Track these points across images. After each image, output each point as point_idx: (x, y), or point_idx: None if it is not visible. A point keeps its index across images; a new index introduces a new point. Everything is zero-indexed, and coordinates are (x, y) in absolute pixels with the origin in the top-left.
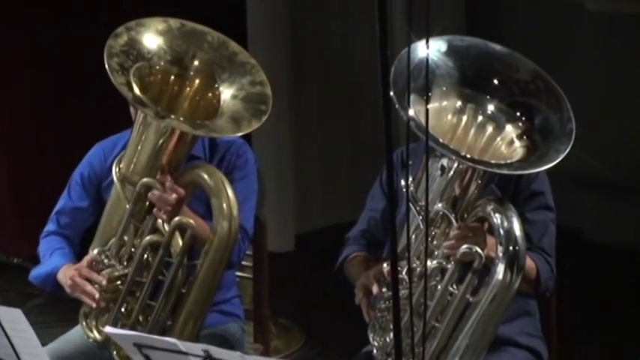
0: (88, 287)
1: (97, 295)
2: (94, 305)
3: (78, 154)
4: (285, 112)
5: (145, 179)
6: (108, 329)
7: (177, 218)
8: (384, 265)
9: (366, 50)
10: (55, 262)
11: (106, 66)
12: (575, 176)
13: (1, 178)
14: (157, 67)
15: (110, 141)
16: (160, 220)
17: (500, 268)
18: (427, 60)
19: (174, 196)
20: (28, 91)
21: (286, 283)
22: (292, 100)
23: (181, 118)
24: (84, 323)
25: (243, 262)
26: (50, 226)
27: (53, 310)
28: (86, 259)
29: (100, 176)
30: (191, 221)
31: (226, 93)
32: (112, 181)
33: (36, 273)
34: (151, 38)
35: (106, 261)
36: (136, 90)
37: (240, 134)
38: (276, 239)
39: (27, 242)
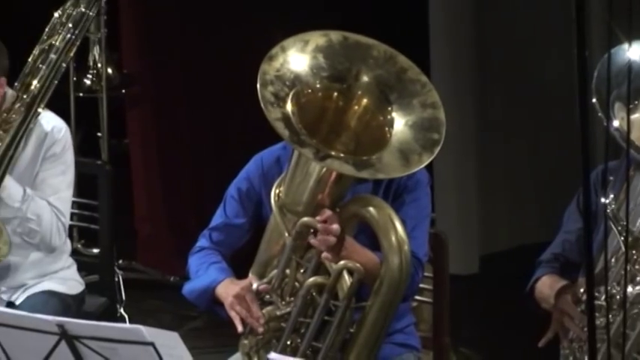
0: (250, 319)
1: (260, 329)
2: (240, 329)
3: (237, 169)
4: (470, 124)
5: (304, 219)
6: (273, 355)
7: (342, 262)
8: (581, 290)
9: (558, 57)
10: (213, 277)
11: (260, 98)
12: None
13: (157, 194)
14: (316, 88)
15: (269, 153)
16: None
17: None
18: (629, 66)
19: (333, 236)
20: (183, 106)
21: (468, 309)
22: (477, 111)
23: (342, 155)
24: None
25: (421, 285)
26: (202, 242)
27: (211, 335)
28: (250, 285)
29: (259, 192)
30: (358, 265)
31: (394, 118)
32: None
33: (190, 287)
34: (310, 56)
35: (267, 296)
36: (294, 123)
37: (409, 173)
38: (458, 260)
39: (183, 260)
